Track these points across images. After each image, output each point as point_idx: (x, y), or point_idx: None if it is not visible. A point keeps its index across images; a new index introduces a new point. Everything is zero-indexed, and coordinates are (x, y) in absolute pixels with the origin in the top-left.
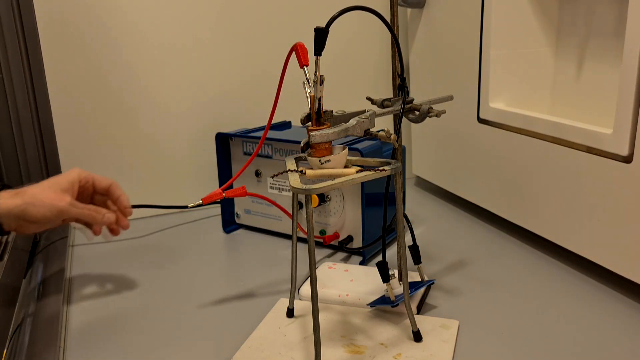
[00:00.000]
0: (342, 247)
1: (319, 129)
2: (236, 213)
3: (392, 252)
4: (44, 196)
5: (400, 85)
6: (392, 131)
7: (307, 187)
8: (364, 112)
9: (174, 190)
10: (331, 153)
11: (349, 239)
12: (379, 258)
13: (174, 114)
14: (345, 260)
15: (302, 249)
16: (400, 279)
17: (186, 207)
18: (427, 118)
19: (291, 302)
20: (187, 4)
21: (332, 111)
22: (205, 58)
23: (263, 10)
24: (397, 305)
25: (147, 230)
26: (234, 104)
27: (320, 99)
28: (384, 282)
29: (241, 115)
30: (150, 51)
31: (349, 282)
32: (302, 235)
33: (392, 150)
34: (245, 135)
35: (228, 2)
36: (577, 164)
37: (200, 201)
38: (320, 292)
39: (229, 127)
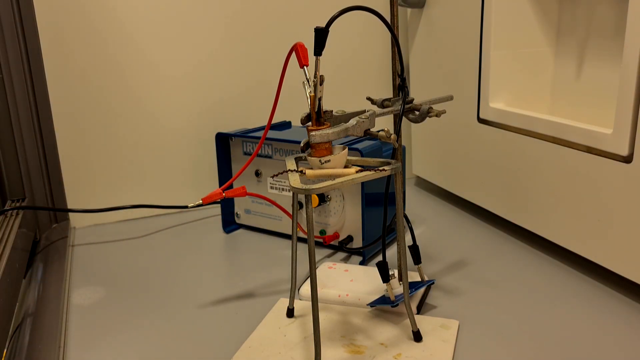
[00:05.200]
0: (342, 247)
1: (319, 129)
2: (236, 213)
3: (392, 252)
4: None
5: (400, 85)
6: (392, 131)
7: (307, 187)
8: (364, 112)
9: (174, 190)
10: (331, 153)
11: (349, 239)
12: (379, 258)
13: (175, 113)
14: (345, 260)
15: (302, 249)
16: (400, 279)
17: (186, 207)
18: (427, 118)
19: (291, 302)
20: (187, 5)
21: (332, 111)
22: (205, 58)
23: (263, 10)
24: (397, 305)
25: (147, 230)
26: (234, 104)
27: (320, 99)
28: (384, 282)
29: (241, 115)
30: (151, 51)
31: (349, 282)
32: (302, 235)
33: (392, 150)
34: (245, 135)
35: (227, 3)
36: (577, 164)
37: (200, 201)
38: (320, 292)
39: (229, 127)
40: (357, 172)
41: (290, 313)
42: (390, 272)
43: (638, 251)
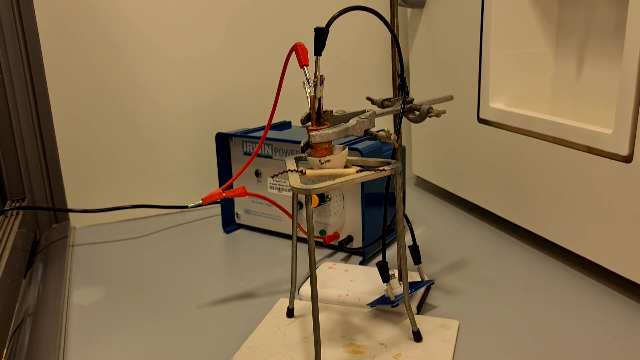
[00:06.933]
0: (342, 247)
1: (319, 129)
2: (236, 213)
3: (392, 252)
4: None
5: (400, 85)
6: (392, 131)
7: (307, 187)
8: (364, 112)
9: (174, 190)
10: (331, 153)
11: (349, 239)
12: (379, 258)
13: (174, 113)
14: (345, 260)
15: (302, 249)
16: (400, 279)
17: (186, 207)
18: (427, 118)
19: (291, 302)
20: (187, 6)
21: (332, 111)
22: (205, 58)
23: (263, 10)
24: (397, 305)
25: (147, 230)
26: (234, 104)
27: (320, 99)
28: (384, 282)
29: (241, 116)
30: (150, 51)
31: (349, 282)
32: (302, 235)
33: (392, 150)
34: (245, 135)
35: (227, 3)
36: (577, 164)
37: (200, 201)
38: (320, 292)
39: (229, 127)
40: (357, 172)
41: (290, 313)
42: (390, 272)
43: (638, 251)
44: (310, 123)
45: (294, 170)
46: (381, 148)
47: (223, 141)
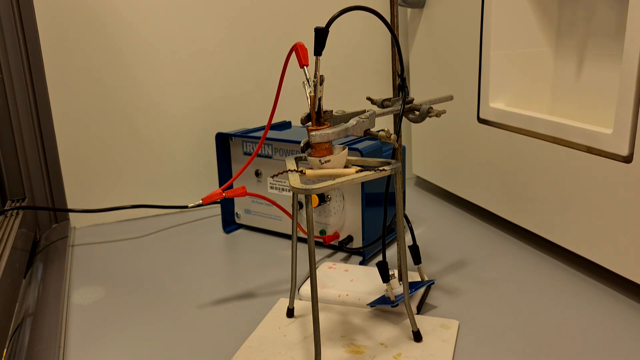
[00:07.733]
0: (342, 247)
1: (319, 129)
2: (236, 213)
3: (392, 252)
4: None
5: (400, 85)
6: (392, 131)
7: (307, 187)
8: (364, 112)
9: (174, 190)
10: (331, 153)
11: (349, 239)
12: (379, 258)
13: (174, 113)
14: (345, 260)
15: (302, 249)
16: (400, 279)
17: (186, 207)
18: (427, 118)
19: (291, 302)
20: (187, 6)
21: (332, 111)
22: (205, 58)
23: (263, 10)
24: (397, 305)
25: (147, 230)
26: (234, 104)
27: (320, 99)
28: (384, 282)
29: (241, 116)
30: (150, 51)
31: (349, 282)
32: (302, 235)
33: (392, 150)
34: (245, 135)
35: (227, 3)
36: (577, 164)
37: (200, 201)
38: (320, 292)
39: (229, 127)
40: (357, 172)
41: (290, 313)
42: (390, 272)
43: (638, 251)
44: (310, 123)
45: (294, 170)
46: (381, 148)
47: (223, 141)
